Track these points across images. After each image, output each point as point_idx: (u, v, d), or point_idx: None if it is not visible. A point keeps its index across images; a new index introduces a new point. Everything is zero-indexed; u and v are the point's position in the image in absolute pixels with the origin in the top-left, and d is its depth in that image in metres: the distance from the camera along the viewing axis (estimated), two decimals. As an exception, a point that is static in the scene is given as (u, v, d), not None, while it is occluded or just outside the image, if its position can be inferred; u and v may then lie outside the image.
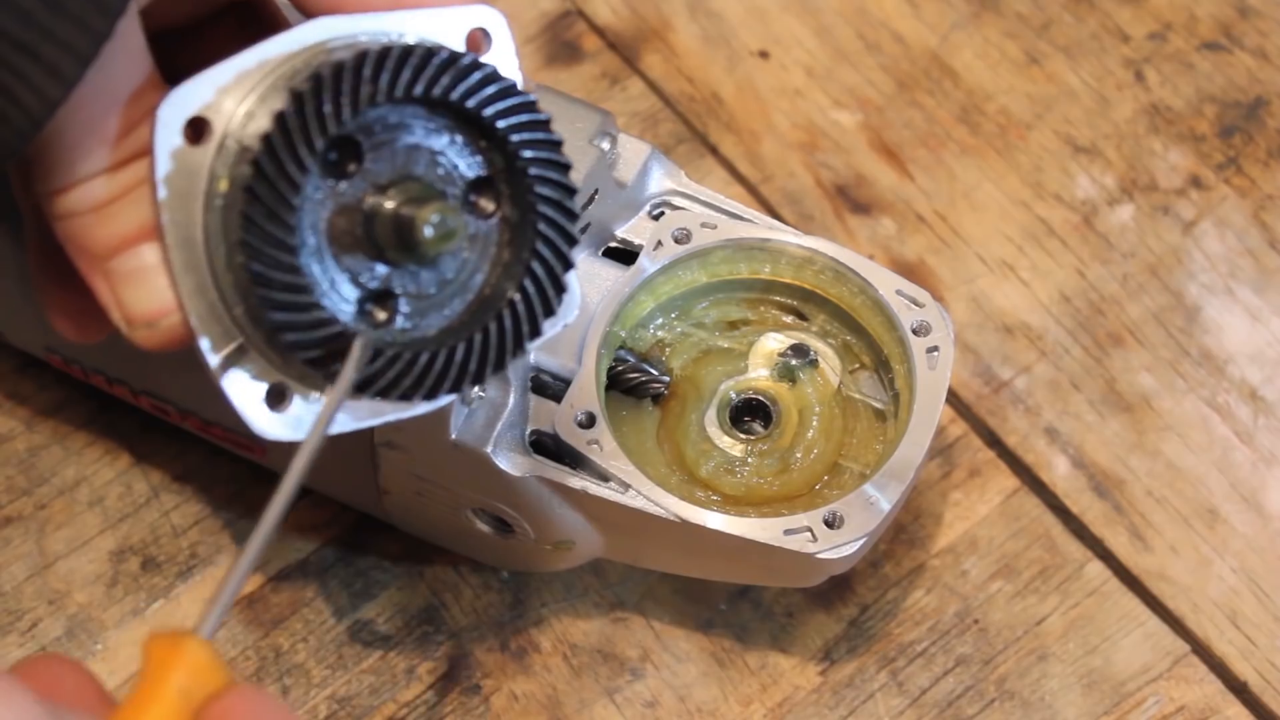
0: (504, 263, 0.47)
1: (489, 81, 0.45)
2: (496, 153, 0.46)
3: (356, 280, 0.45)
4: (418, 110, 0.45)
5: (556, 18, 0.76)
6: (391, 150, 0.45)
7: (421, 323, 0.46)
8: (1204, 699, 0.62)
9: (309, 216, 0.44)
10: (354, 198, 0.44)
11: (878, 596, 0.64)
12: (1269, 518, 0.65)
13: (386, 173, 0.45)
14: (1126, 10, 0.76)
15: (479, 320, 0.47)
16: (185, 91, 0.43)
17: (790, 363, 0.61)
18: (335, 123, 0.43)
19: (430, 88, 0.44)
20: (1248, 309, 0.69)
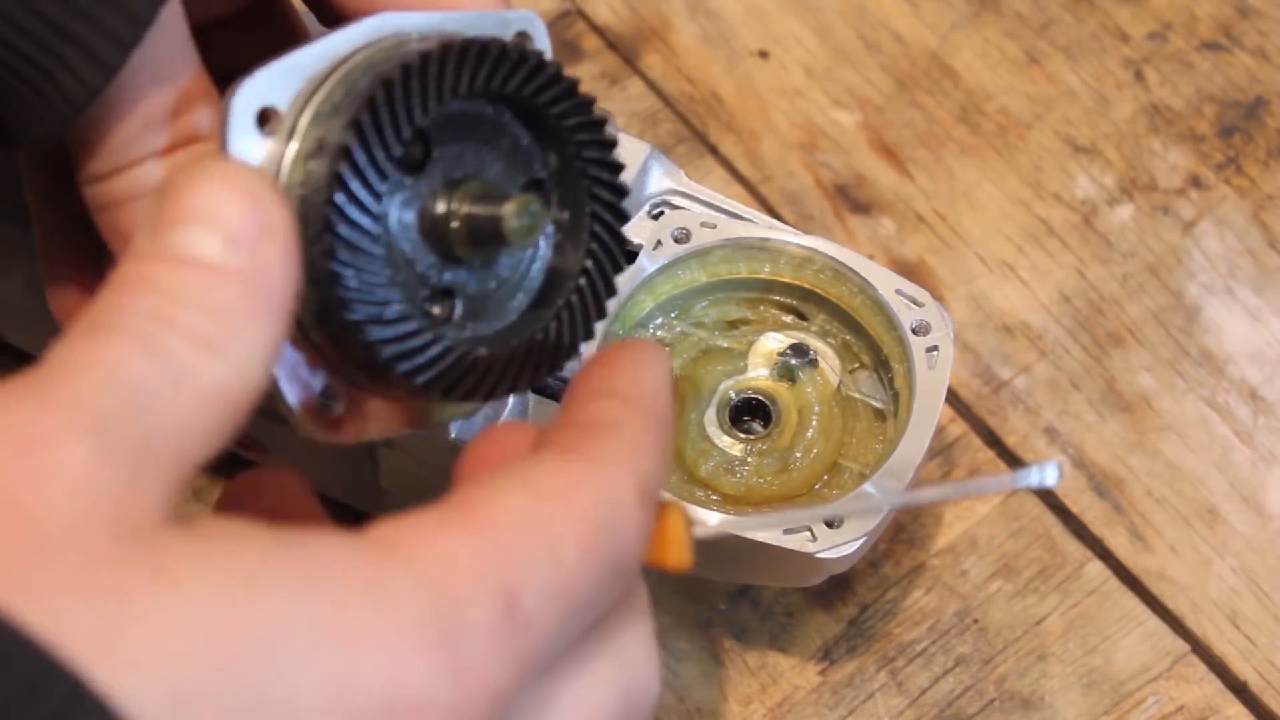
0: (557, 265, 0.47)
1: (556, 79, 0.45)
2: (554, 152, 0.46)
3: (423, 281, 0.45)
4: (483, 106, 0.45)
5: (556, 17, 0.76)
6: (458, 147, 0.45)
7: (477, 323, 0.46)
8: (1204, 698, 0.62)
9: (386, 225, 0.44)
10: (424, 194, 0.44)
11: (877, 596, 0.64)
12: (1269, 517, 0.65)
13: (454, 170, 0.45)
14: (1126, 10, 0.76)
15: (534, 322, 0.46)
16: (254, 81, 0.42)
17: (790, 362, 0.61)
18: (423, 113, 0.43)
19: (505, 82, 0.44)
20: (1247, 309, 0.69)
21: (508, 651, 0.36)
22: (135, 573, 0.34)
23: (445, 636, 0.36)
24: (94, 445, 0.35)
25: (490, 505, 0.38)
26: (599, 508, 0.39)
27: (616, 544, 0.39)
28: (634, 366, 0.43)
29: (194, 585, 0.34)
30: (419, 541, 0.37)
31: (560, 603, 0.38)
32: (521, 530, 0.38)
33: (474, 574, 0.37)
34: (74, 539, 0.34)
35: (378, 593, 0.35)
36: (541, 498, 0.38)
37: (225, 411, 0.37)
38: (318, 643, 0.34)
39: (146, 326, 0.37)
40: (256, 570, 0.34)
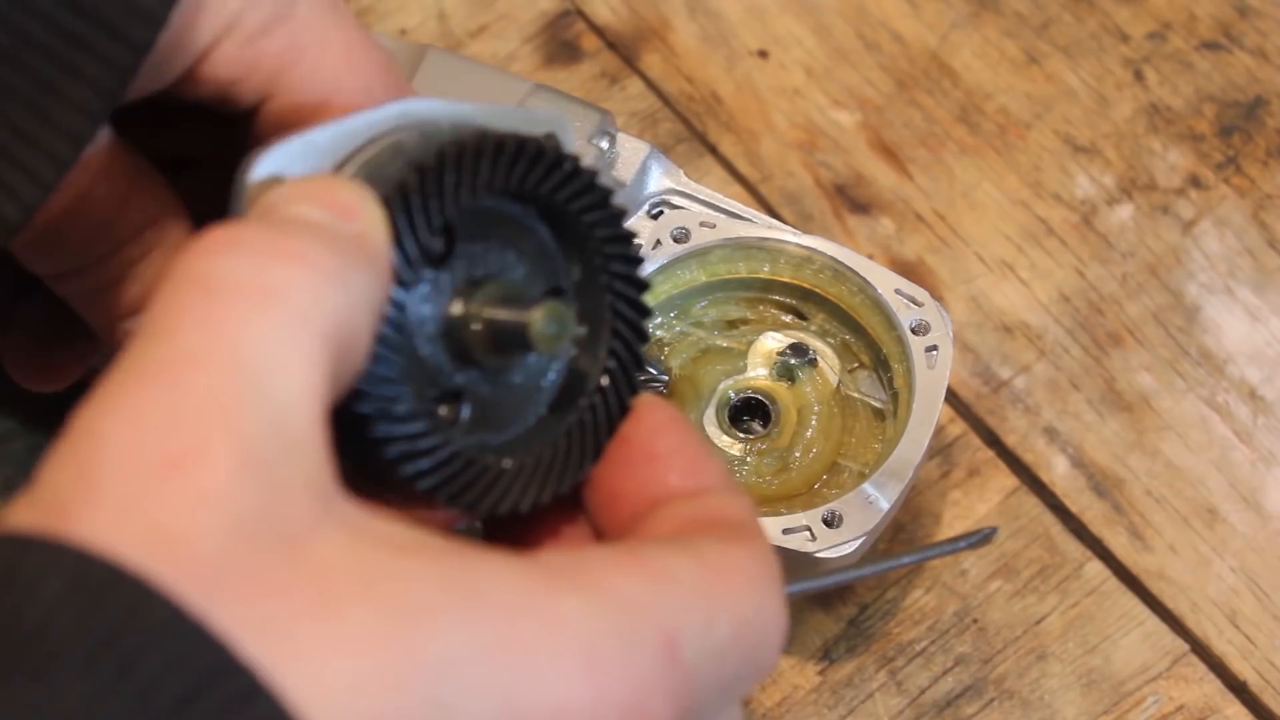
0: (572, 379, 0.45)
1: (591, 187, 0.44)
2: (578, 263, 0.45)
3: (433, 382, 0.42)
4: (511, 205, 0.43)
5: (556, 17, 0.76)
6: (482, 246, 0.43)
7: (484, 431, 0.44)
8: (1203, 698, 0.62)
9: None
10: (444, 290, 0.42)
11: (877, 596, 0.64)
12: (1268, 517, 0.65)
13: (477, 269, 0.43)
14: (1126, 10, 0.76)
15: (545, 434, 0.44)
16: (270, 155, 0.40)
17: (789, 362, 0.61)
18: (455, 202, 0.41)
19: (541, 183, 0.42)
20: (1247, 308, 0.69)
21: (670, 690, 0.37)
22: (300, 600, 0.33)
23: (616, 663, 0.36)
24: (233, 455, 0.33)
25: (657, 558, 0.38)
26: (753, 601, 0.39)
27: (759, 641, 0.39)
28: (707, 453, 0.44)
29: (365, 618, 0.33)
30: (590, 572, 0.37)
31: (712, 668, 0.38)
32: (686, 588, 0.38)
33: (644, 611, 0.37)
34: (232, 563, 0.33)
35: (550, 616, 0.35)
36: (706, 567, 0.39)
37: (343, 352, 0.36)
38: (489, 665, 0.34)
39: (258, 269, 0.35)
40: (429, 599, 0.34)
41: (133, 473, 0.33)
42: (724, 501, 0.42)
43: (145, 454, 0.33)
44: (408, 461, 0.40)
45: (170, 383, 0.34)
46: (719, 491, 0.43)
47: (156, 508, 0.32)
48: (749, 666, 0.39)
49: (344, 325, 0.36)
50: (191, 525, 0.32)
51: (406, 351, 0.41)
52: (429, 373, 0.42)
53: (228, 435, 0.33)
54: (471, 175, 0.41)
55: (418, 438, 0.40)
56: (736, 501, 0.42)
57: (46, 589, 0.31)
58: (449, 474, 0.41)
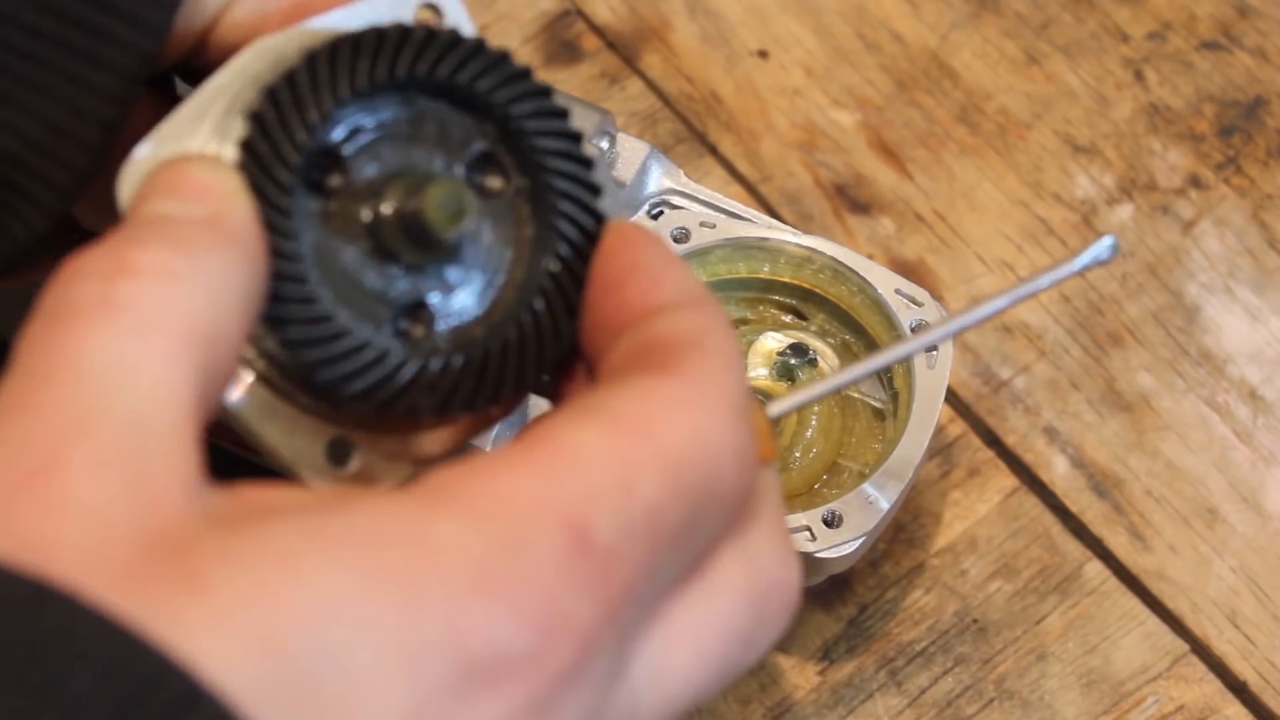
0: (531, 237, 0.43)
1: (451, 47, 0.42)
2: (488, 122, 0.43)
3: (382, 301, 0.41)
4: (392, 98, 0.42)
5: (555, 17, 0.76)
6: (379, 149, 0.41)
7: (463, 323, 0.42)
8: (1203, 698, 0.62)
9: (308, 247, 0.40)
10: (351, 209, 0.41)
11: (877, 596, 0.64)
12: (1268, 517, 0.65)
13: (378, 173, 0.41)
14: (1126, 10, 0.76)
15: (522, 304, 0.42)
16: (140, 157, 0.40)
17: (789, 362, 0.61)
18: (317, 114, 0.40)
19: (392, 69, 0.41)
20: (1247, 309, 0.69)
21: (587, 588, 0.34)
22: (169, 586, 0.32)
23: (506, 581, 0.34)
24: (88, 461, 0.33)
25: (557, 440, 0.36)
26: (685, 436, 0.36)
27: (707, 473, 0.36)
28: (668, 267, 0.40)
29: (227, 584, 0.32)
30: (471, 485, 0.35)
31: (645, 535, 0.35)
32: (590, 462, 0.35)
33: (532, 510, 0.34)
34: (98, 564, 0.32)
35: (425, 543, 0.33)
36: (616, 429, 0.36)
37: (207, 347, 0.36)
38: (369, 603, 0.33)
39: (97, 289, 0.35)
40: (291, 550, 0.33)
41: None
42: (670, 322, 0.39)
43: (5, 476, 0.33)
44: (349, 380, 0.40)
45: (21, 406, 0.34)
46: (669, 310, 0.39)
47: (20, 523, 0.32)
48: (701, 501, 0.36)
49: (201, 318, 0.36)
50: (54, 531, 0.32)
51: (327, 276, 0.40)
52: (374, 293, 0.41)
53: (81, 441, 0.33)
54: (330, 82, 0.40)
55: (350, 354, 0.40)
56: (687, 317, 0.39)
57: None
58: (396, 385, 0.40)
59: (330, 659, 0.32)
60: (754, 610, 0.38)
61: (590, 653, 0.35)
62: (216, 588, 0.32)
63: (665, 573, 0.36)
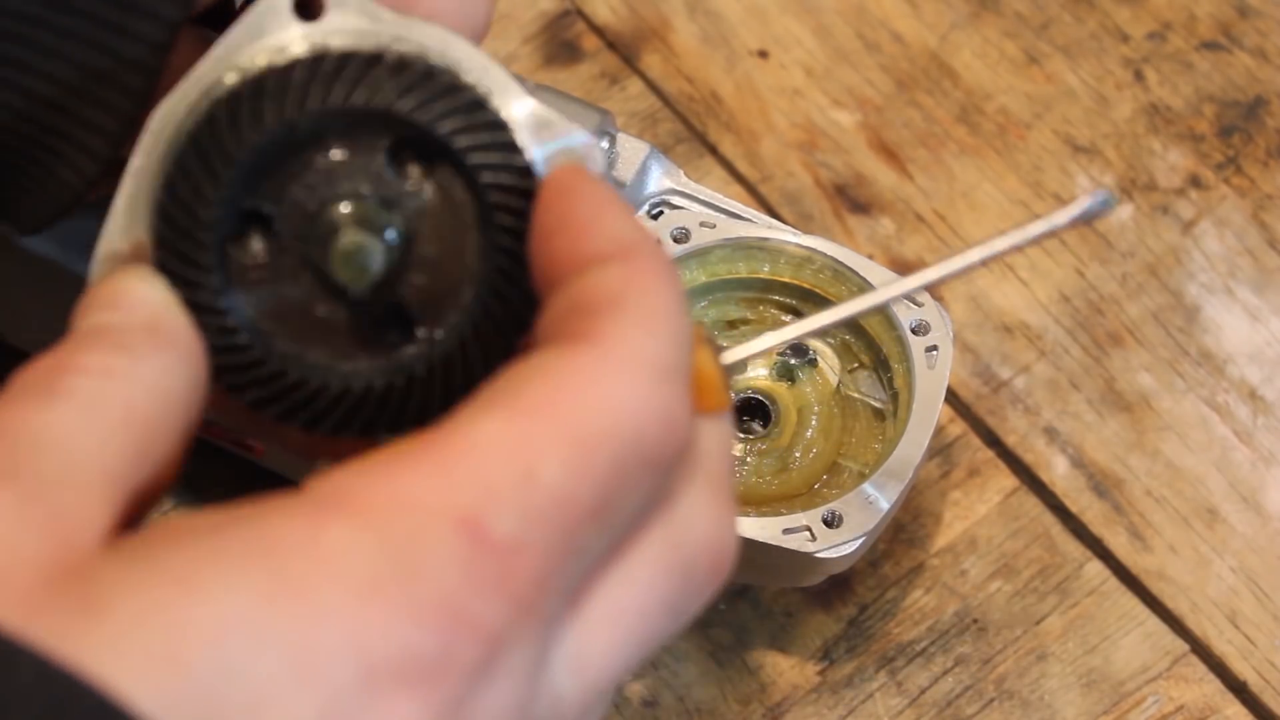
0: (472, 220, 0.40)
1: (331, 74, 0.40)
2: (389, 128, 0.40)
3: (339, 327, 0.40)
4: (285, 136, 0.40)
5: (555, 17, 0.76)
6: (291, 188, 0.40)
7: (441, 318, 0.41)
8: (1203, 698, 0.62)
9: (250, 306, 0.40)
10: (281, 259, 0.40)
11: (877, 596, 0.64)
12: (1268, 517, 0.65)
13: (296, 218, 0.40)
14: (1126, 10, 0.76)
15: (476, 298, 0.40)
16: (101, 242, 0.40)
17: (789, 362, 0.61)
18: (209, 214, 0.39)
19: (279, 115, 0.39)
20: (1247, 309, 0.69)
21: (488, 585, 0.33)
22: (66, 612, 0.32)
23: (402, 584, 0.33)
24: (7, 497, 0.34)
25: (456, 434, 0.35)
26: (592, 413, 0.35)
27: (625, 444, 0.35)
28: (600, 210, 0.38)
29: (124, 607, 0.32)
30: (365, 487, 0.34)
31: (552, 522, 0.34)
32: (486, 454, 0.34)
33: (424, 511, 0.34)
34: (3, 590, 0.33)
35: (315, 551, 0.33)
36: (518, 415, 0.34)
37: (144, 432, 0.36)
38: (263, 616, 0.32)
39: (44, 380, 0.36)
40: (184, 569, 0.33)
41: None
42: (594, 279, 0.36)
43: None
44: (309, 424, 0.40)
45: None
46: (595, 264, 0.36)
47: None
48: (619, 477, 0.35)
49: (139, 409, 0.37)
50: None
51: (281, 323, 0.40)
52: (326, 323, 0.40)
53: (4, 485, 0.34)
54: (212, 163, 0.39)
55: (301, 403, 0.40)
56: (612, 272, 0.36)
57: None
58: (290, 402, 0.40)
59: (233, 674, 0.32)
60: (677, 579, 0.37)
61: (500, 648, 0.34)
62: (113, 610, 0.32)
63: (588, 554, 0.35)
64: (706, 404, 0.38)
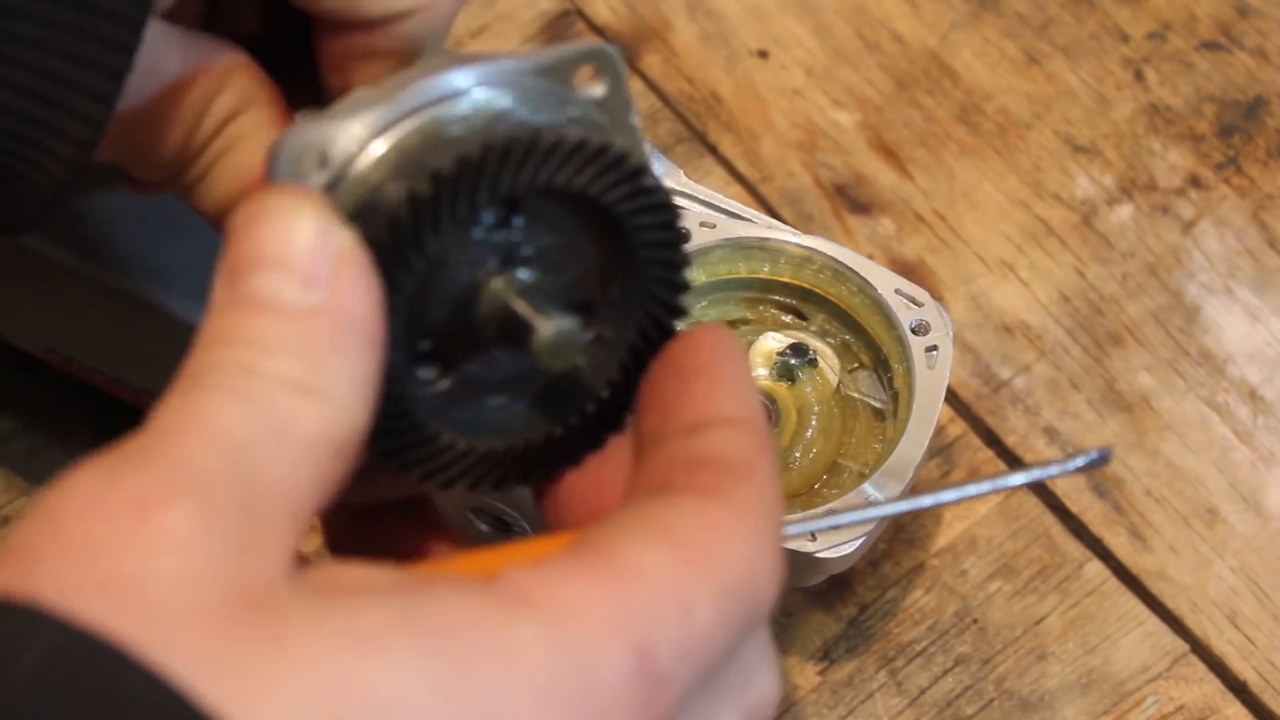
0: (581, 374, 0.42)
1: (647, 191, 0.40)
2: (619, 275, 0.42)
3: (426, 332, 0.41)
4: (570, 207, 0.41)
5: (556, 17, 0.76)
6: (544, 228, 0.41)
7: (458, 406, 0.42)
8: (1203, 698, 0.62)
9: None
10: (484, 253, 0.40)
11: (877, 596, 0.64)
12: (1268, 517, 0.65)
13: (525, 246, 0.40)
14: (1126, 10, 0.76)
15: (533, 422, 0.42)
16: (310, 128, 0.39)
17: (789, 362, 0.61)
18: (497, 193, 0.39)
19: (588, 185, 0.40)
20: (1247, 309, 0.69)
21: (642, 709, 0.35)
22: (249, 642, 0.32)
23: (577, 693, 0.34)
24: (199, 508, 0.33)
25: (625, 555, 0.36)
26: (738, 566, 0.37)
27: (751, 600, 0.37)
28: (735, 378, 0.41)
29: (310, 653, 0.32)
30: (549, 590, 0.35)
31: (694, 661, 0.36)
32: (658, 586, 0.36)
33: (606, 626, 0.35)
34: (185, 606, 0.32)
35: (505, 647, 0.34)
36: (680, 552, 0.36)
37: (332, 456, 0.36)
38: (440, 698, 0.33)
39: (239, 379, 0.35)
40: (377, 632, 0.33)
41: (99, 518, 0.33)
42: (725, 441, 0.39)
43: (113, 501, 0.33)
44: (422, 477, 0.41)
45: (146, 453, 0.34)
46: (724, 426, 0.39)
47: (117, 555, 0.33)
48: (739, 636, 0.37)
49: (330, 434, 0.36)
50: (148, 567, 0.32)
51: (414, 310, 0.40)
52: (427, 326, 0.40)
53: (197, 493, 0.33)
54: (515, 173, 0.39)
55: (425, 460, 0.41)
56: (741, 439, 0.39)
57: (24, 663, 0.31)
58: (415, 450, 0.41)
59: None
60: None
61: None
62: (293, 652, 0.32)
63: (703, 694, 0.37)
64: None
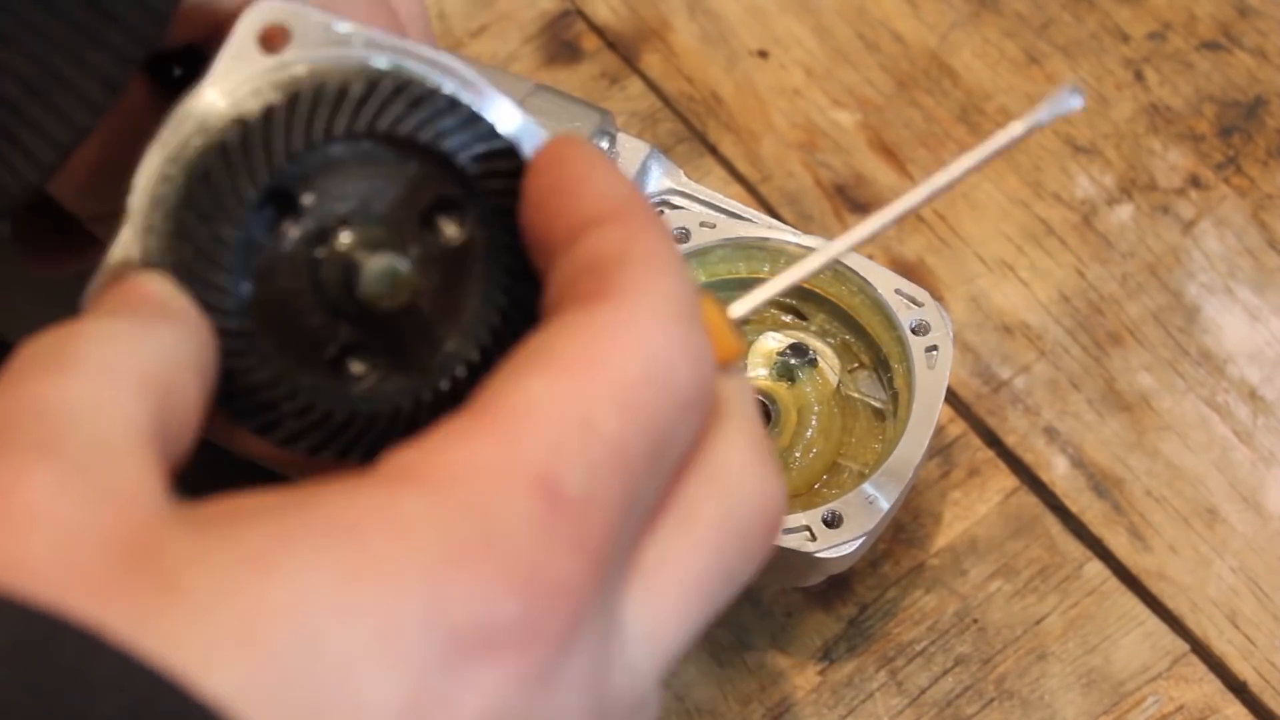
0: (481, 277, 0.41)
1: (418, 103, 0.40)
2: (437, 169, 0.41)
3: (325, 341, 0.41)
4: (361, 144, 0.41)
5: (556, 17, 0.76)
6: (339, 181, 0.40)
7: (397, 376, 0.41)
8: (1203, 698, 0.62)
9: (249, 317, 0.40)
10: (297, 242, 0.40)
11: (877, 596, 0.64)
12: (1268, 517, 0.65)
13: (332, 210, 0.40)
14: (1126, 10, 0.76)
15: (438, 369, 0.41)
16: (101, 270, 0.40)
17: (789, 362, 0.61)
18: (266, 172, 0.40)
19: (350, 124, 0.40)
20: (1247, 309, 0.69)
21: (566, 543, 0.33)
22: (141, 590, 0.32)
23: (483, 549, 0.33)
24: (50, 474, 0.33)
25: (507, 398, 0.35)
26: (634, 360, 0.35)
27: (664, 388, 0.35)
28: (589, 175, 0.38)
29: (200, 586, 0.32)
30: (431, 458, 0.34)
31: (615, 473, 0.34)
32: (544, 413, 0.34)
33: (496, 474, 0.33)
34: (69, 572, 0.32)
35: (396, 524, 0.33)
36: (561, 371, 0.35)
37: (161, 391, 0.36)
38: (348, 589, 0.32)
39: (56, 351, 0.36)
40: (260, 547, 0.32)
41: None
42: (595, 242, 0.37)
43: None
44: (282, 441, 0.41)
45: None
46: (591, 227, 0.37)
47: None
48: (663, 420, 0.35)
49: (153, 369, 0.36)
50: (21, 547, 0.32)
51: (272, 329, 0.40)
52: (312, 335, 0.41)
53: (41, 461, 0.33)
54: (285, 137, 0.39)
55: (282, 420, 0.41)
56: (611, 233, 0.37)
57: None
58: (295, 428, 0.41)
59: (315, 652, 0.32)
60: (735, 542, 0.37)
61: (584, 610, 0.34)
62: (191, 590, 0.32)
63: (642, 505, 0.35)
64: (722, 353, 0.38)
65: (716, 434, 0.37)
